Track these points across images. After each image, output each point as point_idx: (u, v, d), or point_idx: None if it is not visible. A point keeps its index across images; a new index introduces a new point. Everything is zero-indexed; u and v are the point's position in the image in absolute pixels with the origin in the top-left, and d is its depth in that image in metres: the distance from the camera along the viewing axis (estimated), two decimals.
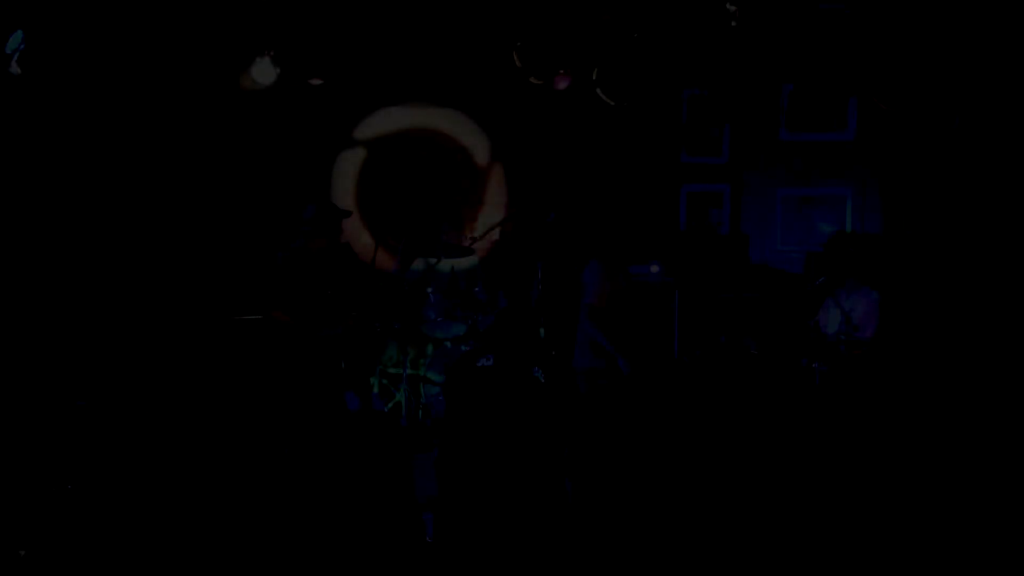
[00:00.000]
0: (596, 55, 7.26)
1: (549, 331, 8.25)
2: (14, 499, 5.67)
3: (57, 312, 7.57)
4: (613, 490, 4.22)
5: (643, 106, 8.00)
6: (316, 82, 7.84)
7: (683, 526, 3.88)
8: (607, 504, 4.11)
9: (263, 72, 7.88)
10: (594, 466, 4.33)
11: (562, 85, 8.61)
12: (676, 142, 9.44)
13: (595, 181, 9.21)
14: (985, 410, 5.69)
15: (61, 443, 6.29)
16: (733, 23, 6.98)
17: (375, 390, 8.13)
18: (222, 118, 8.13)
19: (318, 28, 6.87)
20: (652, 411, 5.18)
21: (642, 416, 4.71)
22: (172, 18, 7.31)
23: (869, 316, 7.19)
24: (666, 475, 4.51)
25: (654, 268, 8.33)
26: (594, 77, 7.28)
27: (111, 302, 7.74)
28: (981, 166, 8.03)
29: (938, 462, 4.85)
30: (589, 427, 4.78)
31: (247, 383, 8.05)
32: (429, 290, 7.90)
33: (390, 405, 8.04)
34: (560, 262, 8.30)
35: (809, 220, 9.52)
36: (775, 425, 4.92)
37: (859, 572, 4.49)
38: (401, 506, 4.66)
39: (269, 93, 8.13)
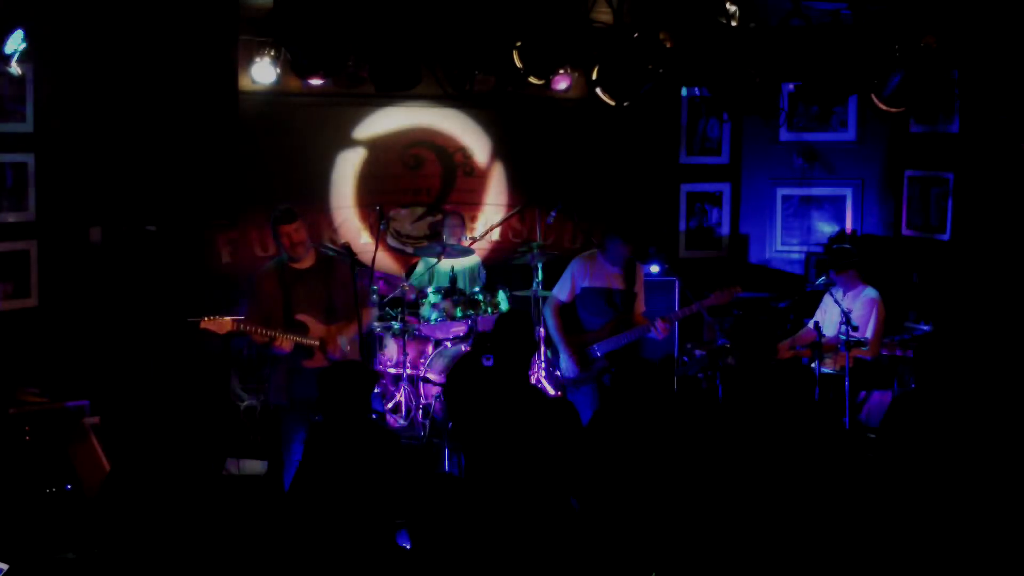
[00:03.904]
0: (596, 55, 7.24)
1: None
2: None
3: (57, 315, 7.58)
4: (618, 497, 4.20)
5: (643, 106, 7.99)
6: (316, 82, 7.83)
7: (691, 535, 3.87)
8: (613, 514, 4.10)
9: (263, 72, 7.89)
10: (602, 473, 4.31)
11: (562, 85, 8.63)
12: (675, 142, 9.46)
13: (595, 181, 9.21)
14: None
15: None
16: (733, 23, 6.97)
17: (375, 390, 8.14)
18: (221, 118, 8.10)
19: (318, 27, 6.85)
20: (654, 413, 5.17)
21: (645, 419, 4.70)
22: (171, 17, 7.30)
23: (868, 316, 7.21)
24: (672, 481, 4.50)
25: (654, 268, 8.32)
26: (594, 77, 7.26)
27: (106, 303, 7.73)
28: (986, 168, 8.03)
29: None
30: (594, 431, 4.76)
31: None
32: (429, 290, 7.90)
33: (390, 405, 8.05)
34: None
35: (809, 220, 9.54)
36: (775, 427, 4.91)
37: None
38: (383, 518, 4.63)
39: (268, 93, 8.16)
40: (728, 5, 6.94)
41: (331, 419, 4.81)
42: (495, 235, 9.08)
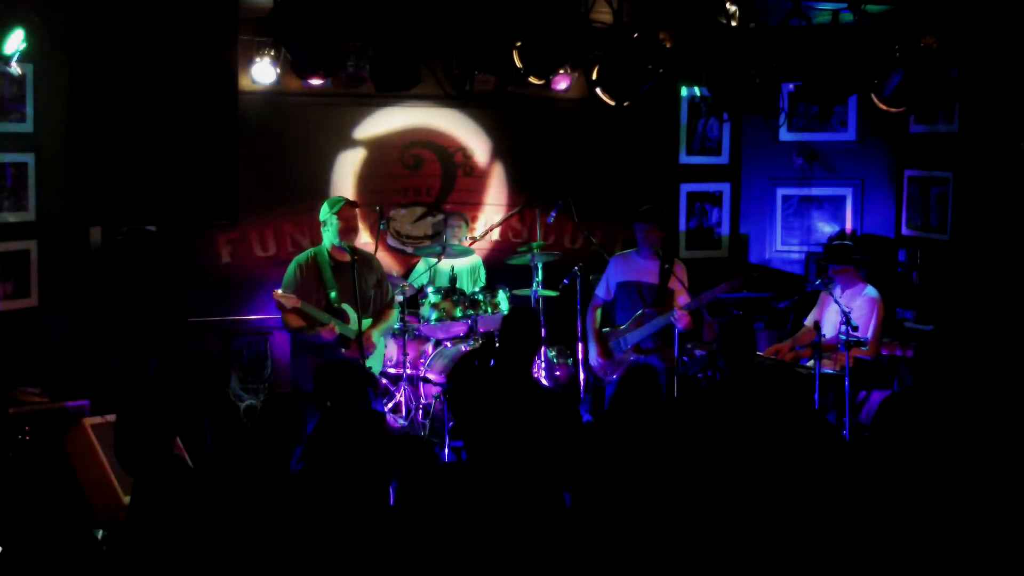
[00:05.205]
0: (596, 55, 7.25)
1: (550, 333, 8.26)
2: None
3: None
4: (615, 498, 4.19)
5: (643, 106, 7.99)
6: (316, 82, 7.83)
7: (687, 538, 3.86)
8: (608, 515, 4.09)
9: (263, 72, 7.89)
10: (600, 473, 4.30)
11: (562, 85, 8.63)
12: (675, 142, 9.45)
13: (595, 181, 9.20)
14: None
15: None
16: (733, 23, 6.97)
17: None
18: (220, 118, 8.10)
19: (318, 27, 6.86)
20: (656, 414, 5.17)
21: (648, 420, 4.69)
22: (171, 17, 7.29)
23: (868, 316, 7.21)
24: (670, 482, 4.49)
25: None
26: (594, 77, 7.27)
27: (106, 303, 7.73)
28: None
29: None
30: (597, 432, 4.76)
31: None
32: (429, 290, 7.90)
33: (390, 405, 8.05)
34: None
35: (809, 220, 9.53)
36: (774, 428, 4.91)
37: None
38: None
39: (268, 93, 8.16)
40: (728, 5, 6.94)
41: (329, 419, 4.83)
42: (495, 235, 9.08)
